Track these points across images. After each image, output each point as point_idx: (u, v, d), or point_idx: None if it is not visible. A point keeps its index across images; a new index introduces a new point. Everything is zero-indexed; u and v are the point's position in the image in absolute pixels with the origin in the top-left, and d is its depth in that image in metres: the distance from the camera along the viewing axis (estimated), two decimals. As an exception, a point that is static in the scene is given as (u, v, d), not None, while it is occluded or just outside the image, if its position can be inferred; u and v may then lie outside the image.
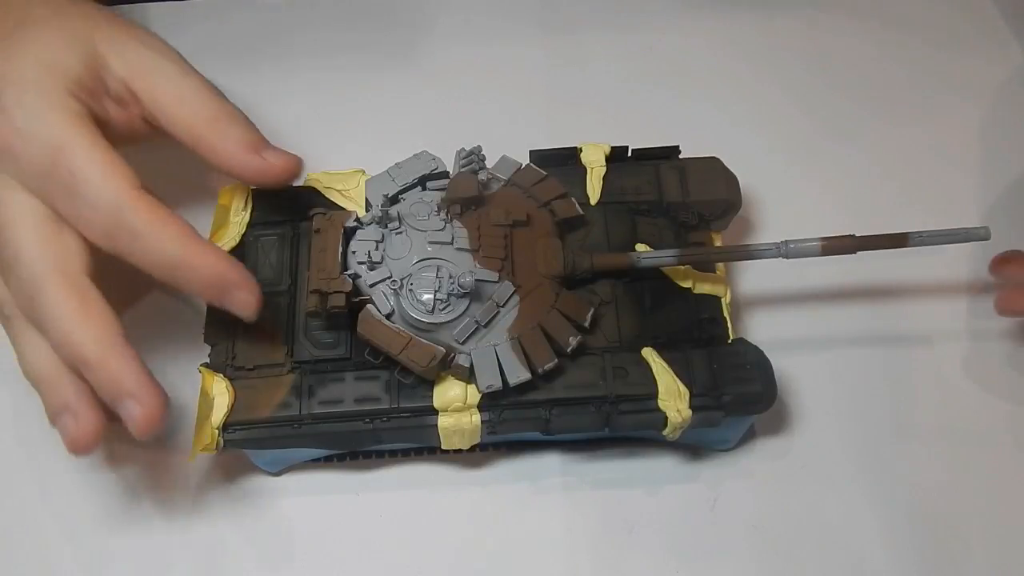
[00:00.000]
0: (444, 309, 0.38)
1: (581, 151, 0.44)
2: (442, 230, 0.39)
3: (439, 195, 0.41)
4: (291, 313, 0.40)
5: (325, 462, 0.43)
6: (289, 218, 0.42)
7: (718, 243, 0.43)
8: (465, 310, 0.38)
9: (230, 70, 0.46)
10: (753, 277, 0.47)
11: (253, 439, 0.38)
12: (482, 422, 0.38)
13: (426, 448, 0.43)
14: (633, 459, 0.43)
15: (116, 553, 0.41)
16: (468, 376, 0.38)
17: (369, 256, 0.38)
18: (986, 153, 0.51)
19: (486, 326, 0.38)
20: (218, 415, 0.38)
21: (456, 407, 0.38)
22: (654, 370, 0.39)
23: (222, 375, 0.39)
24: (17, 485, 0.43)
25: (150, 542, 0.42)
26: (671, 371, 0.39)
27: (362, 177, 0.43)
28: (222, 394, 0.38)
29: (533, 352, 0.38)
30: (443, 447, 0.40)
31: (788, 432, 0.44)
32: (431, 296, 0.37)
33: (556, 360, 0.38)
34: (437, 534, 0.42)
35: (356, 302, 0.38)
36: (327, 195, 0.43)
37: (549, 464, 0.43)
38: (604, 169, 0.43)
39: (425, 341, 0.37)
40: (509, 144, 0.43)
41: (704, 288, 0.41)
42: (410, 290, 0.38)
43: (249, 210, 0.42)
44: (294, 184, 0.42)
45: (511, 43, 0.54)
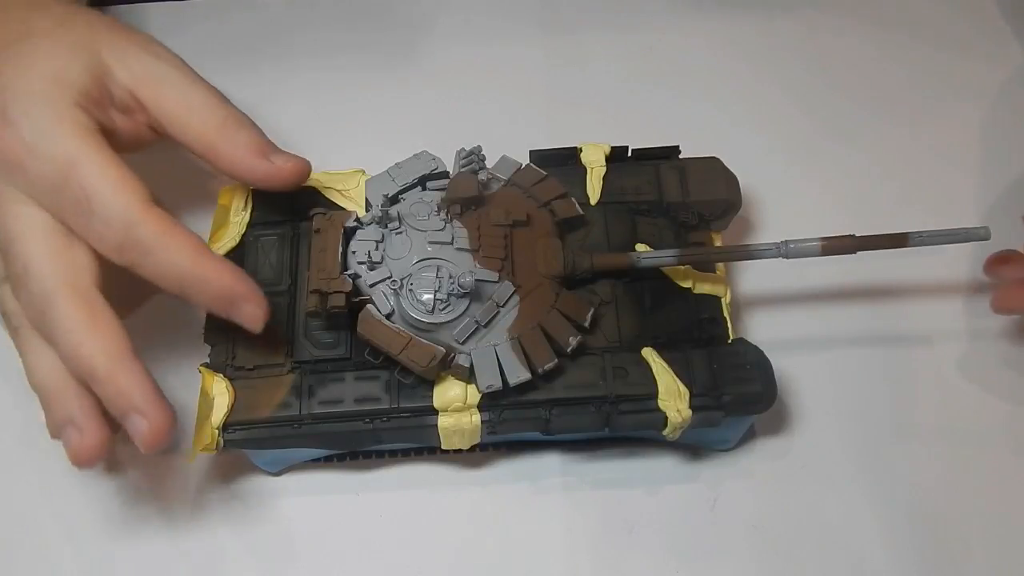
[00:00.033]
0: (444, 309, 0.38)
1: (581, 151, 0.44)
2: (442, 230, 0.39)
3: (439, 195, 0.41)
4: (291, 313, 0.40)
5: (325, 462, 0.43)
6: (289, 218, 0.42)
7: (718, 243, 0.43)
8: (465, 310, 0.38)
9: (230, 70, 0.46)
10: (753, 277, 0.47)
11: (253, 439, 0.38)
12: (482, 422, 0.38)
13: (426, 448, 0.43)
14: (633, 459, 0.43)
15: (116, 554, 0.41)
16: (468, 376, 0.38)
17: (369, 256, 0.38)
18: (986, 153, 0.51)
19: (486, 326, 0.38)
20: (218, 415, 0.38)
21: (456, 407, 0.38)
22: (654, 370, 0.39)
23: (222, 375, 0.39)
24: (18, 485, 0.43)
25: (150, 543, 0.42)
26: (671, 371, 0.39)
27: (362, 177, 0.43)
28: (222, 394, 0.38)
29: (533, 352, 0.38)
30: (443, 447, 0.40)
31: (788, 432, 0.44)
32: (431, 296, 0.37)
33: (556, 360, 0.38)
34: (437, 534, 0.42)
35: (356, 302, 0.38)
36: (327, 195, 0.43)
37: (549, 464, 0.43)
38: (604, 169, 0.43)
39: (425, 341, 0.37)
40: (509, 144, 0.43)
41: (704, 288, 0.41)
42: (410, 290, 0.38)
43: (249, 210, 0.42)
44: None
45: (511, 43, 0.54)
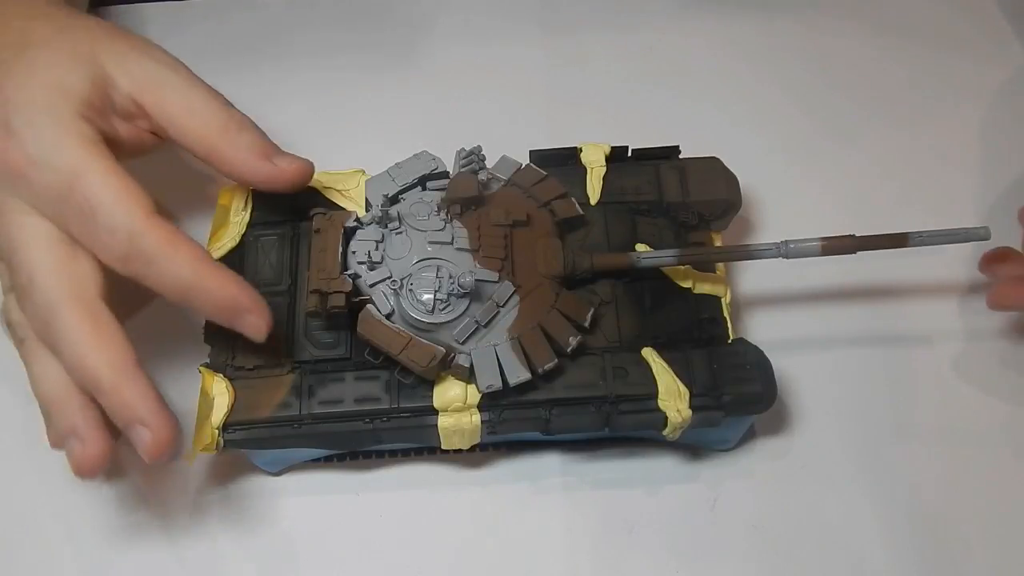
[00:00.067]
0: (444, 309, 0.38)
1: (581, 151, 0.44)
2: (442, 230, 0.39)
3: (439, 195, 0.41)
4: (291, 313, 0.40)
5: (325, 462, 0.43)
6: (289, 218, 0.42)
7: (718, 243, 0.43)
8: (465, 310, 0.38)
9: (230, 71, 0.46)
10: (753, 277, 0.47)
11: (253, 439, 0.38)
12: (482, 422, 0.38)
13: (426, 448, 0.43)
14: (633, 459, 0.43)
15: (115, 555, 0.41)
16: (468, 376, 0.38)
17: (369, 256, 0.38)
18: (986, 153, 0.51)
19: (486, 326, 0.38)
20: (218, 415, 0.38)
21: (456, 407, 0.38)
22: (654, 370, 0.39)
23: (222, 375, 0.39)
24: (18, 485, 0.43)
25: (149, 543, 0.42)
26: (671, 371, 0.39)
27: (362, 177, 0.43)
28: (222, 394, 0.38)
29: (533, 352, 0.38)
30: (443, 447, 0.40)
31: (788, 432, 0.44)
32: (431, 296, 0.37)
33: (556, 360, 0.38)
34: (437, 534, 0.42)
35: (356, 302, 0.38)
36: (327, 195, 0.43)
37: (549, 464, 0.43)
38: (604, 169, 0.43)
39: (425, 341, 0.37)
40: (509, 144, 0.43)
41: (704, 288, 0.41)
42: (410, 290, 0.38)
43: (249, 210, 0.42)
44: None
45: (511, 43, 0.54)
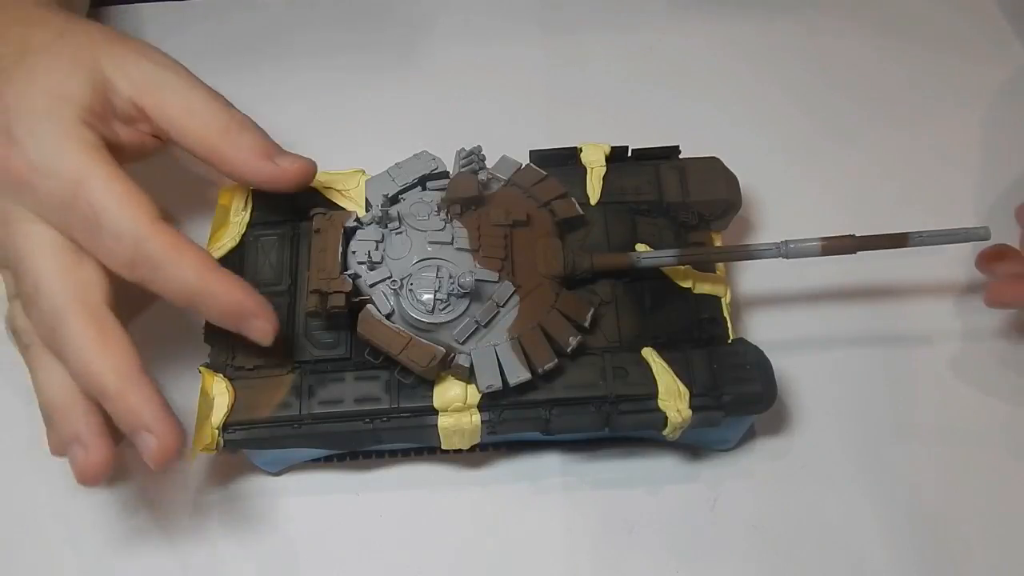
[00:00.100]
0: (444, 309, 0.38)
1: (581, 151, 0.44)
2: (442, 230, 0.39)
3: (439, 195, 0.41)
4: (291, 313, 0.40)
5: (325, 462, 0.43)
6: (289, 218, 0.42)
7: (718, 243, 0.43)
8: (465, 310, 0.38)
9: (229, 71, 0.46)
10: (753, 277, 0.47)
11: (253, 439, 0.38)
12: (482, 422, 0.38)
13: (426, 448, 0.43)
14: (633, 459, 0.43)
15: (114, 554, 0.41)
16: (468, 376, 0.38)
17: (369, 256, 0.38)
18: (986, 153, 0.51)
19: (486, 326, 0.38)
20: (218, 415, 0.38)
21: (456, 407, 0.38)
22: (654, 370, 0.39)
23: (222, 375, 0.39)
24: (18, 487, 0.43)
25: (149, 543, 0.42)
26: (671, 371, 0.39)
27: (362, 177, 0.43)
28: (222, 394, 0.38)
29: (533, 352, 0.38)
30: (443, 447, 0.40)
31: (788, 432, 0.44)
32: (431, 296, 0.37)
33: (556, 360, 0.38)
34: (437, 534, 0.42)
35: (356, 302, 0.38)
36: (327, 195, 0.43)
37: (549, 464, 0.43)
38: (604, 169, 0.43)
39: (425, 341, 0.37)
40: (509, 144, 0.43)
41: (704, 288, 0.41)
42: (410, 290, 0.38)
43: (249, 210, 0.42)
44: None
45: (511, 43, 0.54)
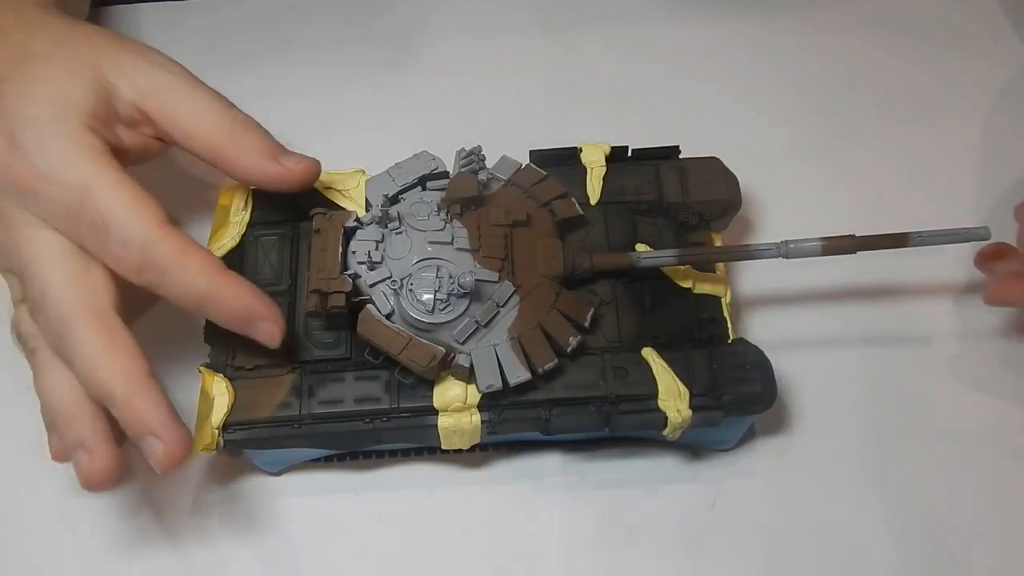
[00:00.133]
0: (444, 309, 0.38)
1: (581, 151, 0.44)
2: (442, 230, 0.39)
3: (439, 195, 0.41)
4: (291, 313, 0.40)
5: (325, 462, 0.43)
6: (289, 218, 0.42)
7: (718, 243, 0.43)
8: (465, 310, 0.38)
9: (229, 70, 0.46)
10: (753, 277, 0.47)
11: (253, 439, 0.38)
12: (482, 422, 0.38)
13: (426, 448, 0.43)
14: (633, 459, 0.43)
15: (114, 554, 0.41)
16: (468, 376, 0.38)
17: (369, 256, 0.38)
18: (988, 153, 0.51)
19: (486, 326, 0.38)
20: (218, 415, 0.38)
21: (456, 407, 0.38)
22: (654, 370, 0.39)
23: (222, 375, 0.39)
24: (18, 488, 0.43)
25: (148, 543, 0.42)
26: (671, 371, 0.39)
27: (362, 177, 0.43)
28: (222, 394, 0.38)
29: (533, 352, 0.38)
30: (443, 447, 0.40)
31: (788, 432, 0.44)
32: (431, 296, 0.37)
33: (556, 360, 0.38)
34: (437, 534, 0.42)
35: (356, 302, 0.38)
36: (327, 195, 0.43)
37: (549, 464, 0.43)
38: (604, 169, 0.43)
39: (425, 341, 0.37)
40: (509, 144, 0.43)
41: (704, 288, 0.41)
42: (410, 290, 0.38)
43: (249, 210, 0.42)
44: None
45: (511, 43, 0.54)
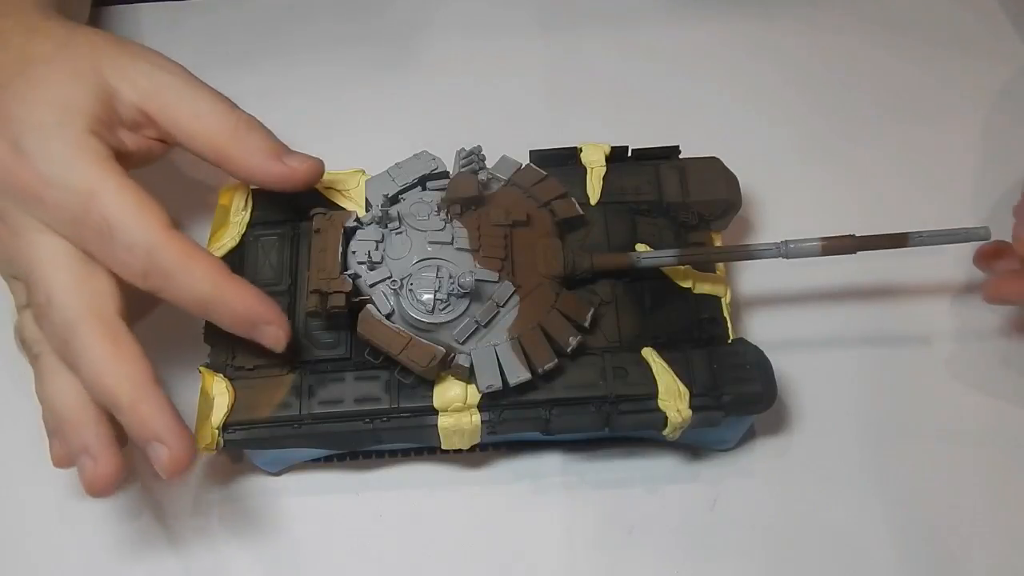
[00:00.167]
0: (444, 309, 0.38)
1: (581, 151, 0.44)
2: (442, 230, 0.39)
3: (439, 195, 0.41)
4: (291, 313, 0.40)
5: (325, 462, 0.43)
6: (289, 218, 0.42)
7: (718, 243, 0.43)
8: (465, 310, 0.38)
9: (229, 70, 0.46)
10: (753, 277, 0.47)
11: (253, 439, 0.38)
12: (482, 422, 0.38)
13: (426, 448, 0.43)
14: (633, 459, 0.43)
15: (113, 553, 0.41)
16: (468, 376, 0.38)
17: (369, 256, 0.38)
18: (988, 153, 0.51)
19: (486, 326, 0.38)
20: (218, 415, 0.38)
21: (456, 407, 0.38)
22: (654, 370, 0.39)
23: (222, 375, 0.39)
24: (19, 489, 0.43)
25: (147, 544, 0.42)
26: (671, 371, 0.39)
27: (362, 177, 0.43)
28: (222, 394, 0.38)
29: (533, 352, 0.38)
30: (443, 447, 0.40)
31: (788, 432, 0.44)
32: (431, 296, 0.37)
33: (556, 360, 0.38)
34: (437, 534, 0.42)
35: (356, 302, 0.38)
36: (327, 195, 0.43)
37: (549, 464, 0.43)
38: (604, 169, 0.43)
39: (425, 341, 0.37)
40: (509, 144, 0.43)
41: (704, 288, 0.41)
42: (410, 290, 0.38)
43: (249, 210, 0.42)
44: None
45: (511, 43, 0.54)
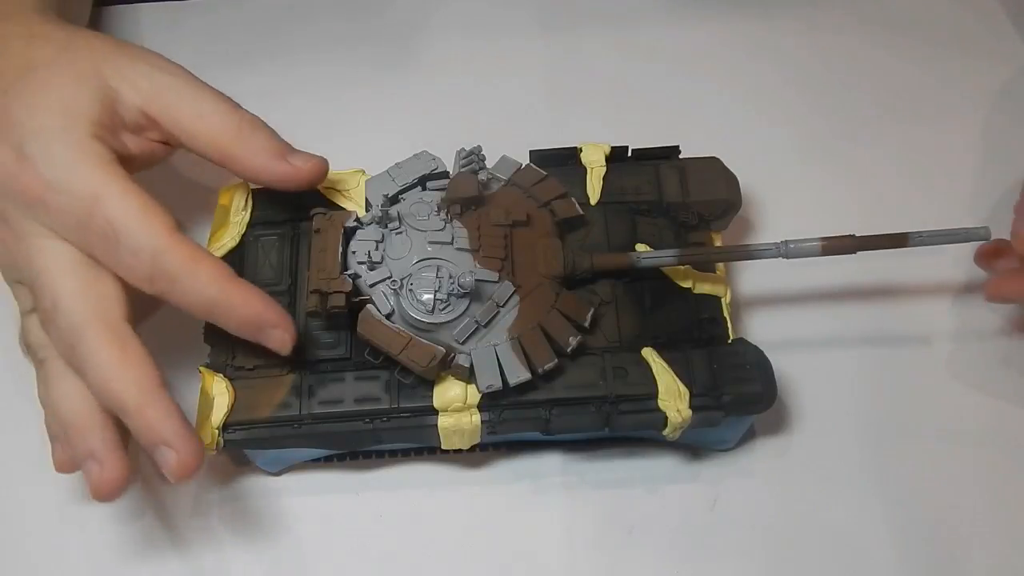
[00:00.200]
0: (444, 309, 0.38)
1: (581, 151, 0.44)
2: (442, 230, 0.39)
3: (439, 195, 0.41)
4: (291, 313, 0.40)
5: (325, 462, 0.43)
6: (289, 218, 0.42)
7: (718, 243, 0.43)
8: (465, 310, 0.38)
9: (229, 70, 0.46)
10: (753, 277, 0.47)
11: (253, 439, 0.38)
12: (482, 422, 0.38)
13: (426, 448, 0.43)
14: (633, 459, 0.43)
15: (112, 553, 0.41)
16: (468, 376, 0.38)
17: (369, 256, 0.38)
18: (988, 153, 0.51)
19: (486, 326, 0.38)
20: (218, 415, 0.38)
21: (456, 407, 0.38)
22: (654, 370, 0.39)
23: (222, 375, 0.39)
24: (18, 490, 0.43)
25: (147, 543, 0.42)
26: (671, 371, 0.39)
27: (362, 177, 0.43)
28: (222, 394, 0.38)
29: (533, 352, 0.38)
30: (443, 447, 0.40)
31: (788, 432, 0.44)
32: (431, 296, 0.37)
33: (556, 360, 0.38)
34: (437, 534, 0.42)
35: (356, 302, 0.38)
36: (327, 195, 0.43)
37: (549, 464, 0.43)
38: (604, 169, 0.43)
39: (425, 341, 0.37)
40: (509, 144, 0.43)
41: (704, 288, 0.41)
42: (410, 290, 0.38)
43: (249, 210, 0.42)
44: None
45: (511, 43, 0.54)
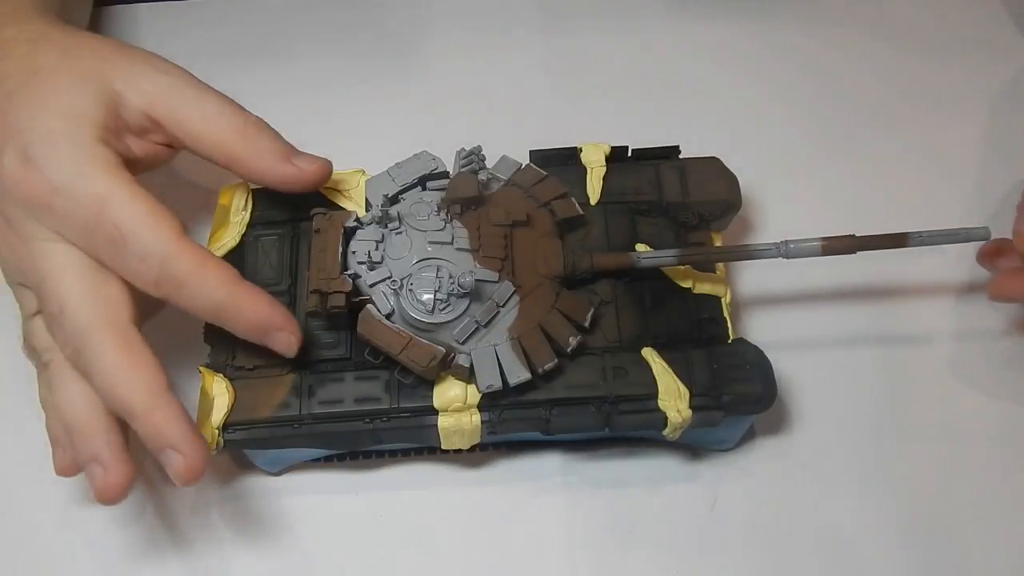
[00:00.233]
0: (444, 309, 0.38)
1: (581, 151, 0.44)
2: (442, 230, 0.39)
3: (439, 195, 0.41)
4: (291, 313, 0.40)
5: (325, 462, 0.43)
6: (289, 218, 0.42)
7: (718, 243, 0.43)
8: (465, 310, 0.38)
9: (229, 70, 0.46)
10: (753, 277, 0.47)
11: (253, 439, 0.38)
12: (482, 422, 0.38)
13: (426, 448, 0.43)
14: (633, 459, 0.43)
15: (112, 551, 0.41)
16: (468, 376, 0.38)
17: (369, 256, 0.38)
18: (989, 153, 0.51)
19: (486, 326, 0.38)
20: (218, 415, 0.38)
21: (456, 407, 0.38)
22: (654, 370, 0.39)
23: (222, 375, 0.39)
24: (18, 491, 0.43)
25: (147, 543, 0.42)
26: (671, 371, 0.39)
27: (362, 177, 0.43)
28: (222, 394, 0.38)
29: (533, 352, 0.38)
30: (443, 447, 0.40)
31: (788, 432, 0.44)
32: (431, 296, 0.37)
33: (556, 360, 0.38)
34: (437, 534, 0.42)
35: (356, 302, 0.38)
36: (327, 195, 0.43)
37: (549, 464, 0.43)
38: (604, 169, 0.43)
39: (425, 341, 0.37)
40: (509, 144, 0.43)
41: (704, 288, 0.41)
42: (410, 290, 0.38)
43: (249, 210, 0.42)
44: None
45: (512, 43, 0.54)
